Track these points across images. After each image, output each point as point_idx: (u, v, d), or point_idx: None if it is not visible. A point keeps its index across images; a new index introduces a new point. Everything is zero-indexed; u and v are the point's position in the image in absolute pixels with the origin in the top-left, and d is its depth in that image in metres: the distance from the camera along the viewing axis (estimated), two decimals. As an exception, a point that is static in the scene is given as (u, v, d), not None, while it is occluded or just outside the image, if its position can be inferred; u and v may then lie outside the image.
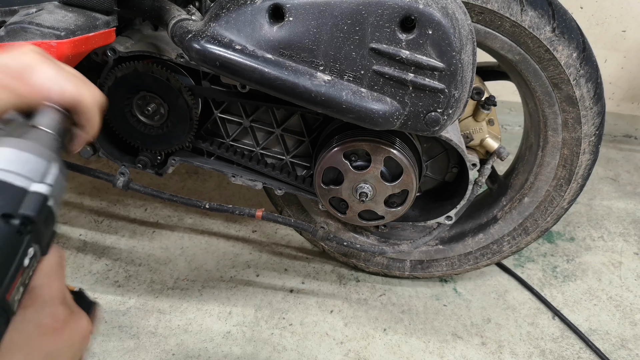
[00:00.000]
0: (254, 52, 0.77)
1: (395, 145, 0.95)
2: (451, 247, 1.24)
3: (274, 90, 0.79)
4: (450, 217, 1.09)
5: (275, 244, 1.42)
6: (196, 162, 1.09)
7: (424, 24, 0.73)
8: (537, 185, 1.14)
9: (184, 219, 1.48)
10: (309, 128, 1.07)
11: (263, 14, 0.76)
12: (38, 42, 0.76)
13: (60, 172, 0.41)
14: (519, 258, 1.41)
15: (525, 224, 1.18)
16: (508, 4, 0.91)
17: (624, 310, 1.26)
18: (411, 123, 0.81)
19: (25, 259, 0.36)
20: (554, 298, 1.28)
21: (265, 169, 1.08)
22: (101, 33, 0.83)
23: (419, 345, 1.15)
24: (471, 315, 1.23)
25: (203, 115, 1.06)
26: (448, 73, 0.76)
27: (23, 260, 0.36)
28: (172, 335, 1.14)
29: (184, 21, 0.81)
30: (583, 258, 1.42)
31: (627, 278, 1.35)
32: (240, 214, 1.10)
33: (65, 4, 0.83)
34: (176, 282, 1.27)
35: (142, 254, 1.35)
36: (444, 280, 1.32)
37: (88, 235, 1.40)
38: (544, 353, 1.14)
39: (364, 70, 0.77)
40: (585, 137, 1.03)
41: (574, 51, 0.95)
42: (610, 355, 1.14)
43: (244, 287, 1.27)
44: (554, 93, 1.00)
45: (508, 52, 0.98)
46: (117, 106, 1.00)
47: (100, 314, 1.05)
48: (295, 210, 1.25)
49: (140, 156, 1.08)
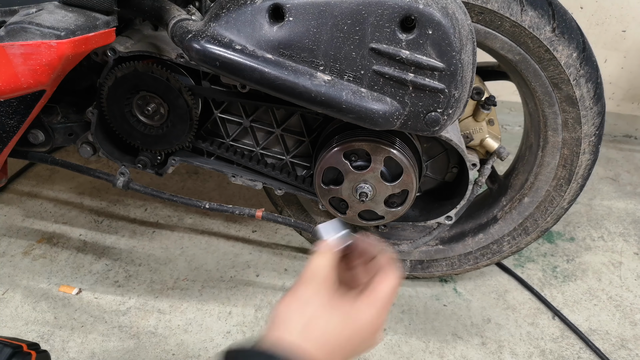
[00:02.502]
0: (254, 52, 0.77)
1: (395, 145, 0.95)
2: (451, 247, 1.24)
3: (274, 90, 0.79)
4: (450, 217, 1.09)
5: (275, 244, 1.42)
6: (196, 162, 1.09)
7: (424, 24, 0.73)
8: (537, 185, 1.14)
9: (184, 219, 1.48)
10: (309, 128, 1.07)
11: (263, 14, 0.76)
12: (38, 42, 0.76)
13: None
14: (519, 258, 1.41)
15: (525, 224, 1.18)
16: (508, 4, 0.91)
17: (624, 310, 1.26)
18: (411, 123, 0.81)
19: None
20: (554, 298, 1.28)
21: (265, 169, 1.08)
22: (101, 33, 0.83)
23: (419, 345, 1.15)
24: (471, 315, 1.23)
25: (203, 115, 1.06)
26: (448, 73, 0.76)
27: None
28: (172, 335, 1.14)
29: (184, 21, 0.81)
30: (583, 258, 1.42)
31: (627, 278, 1.35)
32: (240, 214, 1.10)
33: (65, 4, 0.83)
34: (176, 282, 1.27)
35: (142, 254, 1.35)
36: (444, 280, 1.33)
37: (88, 235, 1.40)
38: (544, 353, 1.14)
39: (364, 70, 0.77)
40: (585, 137, 1.03)
41: (574, 51, 0.95)
42: (610, 355, 1.14)
43: (244, 287, 1.27)
44: (554, 93, 1.00)
45: (508, 52, 0.98)
46: (117, 106, 1.00)
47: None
48: (295, 210, 1.25)
49: (140, 156, 1.08)
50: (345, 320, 0.52)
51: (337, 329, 0.51)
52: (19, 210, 1.48)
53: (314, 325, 0.51)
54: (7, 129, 0.90)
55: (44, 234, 1.40)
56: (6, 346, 0.78)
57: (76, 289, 1.23)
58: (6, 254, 1.33)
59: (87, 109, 1.02)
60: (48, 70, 0.79)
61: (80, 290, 1.23)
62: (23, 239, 1.38)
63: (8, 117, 0.88)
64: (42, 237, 1.39)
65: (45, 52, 0.77)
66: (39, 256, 1.33)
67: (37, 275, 1.27)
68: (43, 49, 0.77)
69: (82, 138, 1.07)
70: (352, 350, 0.52)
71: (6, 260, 1.31)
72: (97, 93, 1.00)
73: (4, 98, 0.84)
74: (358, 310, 0.53)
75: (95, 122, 1.03)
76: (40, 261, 1.31)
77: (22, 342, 0.82)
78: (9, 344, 0.79)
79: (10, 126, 0.90)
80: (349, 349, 0.52)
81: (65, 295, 1.22)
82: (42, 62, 0.78)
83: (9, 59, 0.77)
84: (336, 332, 0.51)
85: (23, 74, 0.79)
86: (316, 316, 0.51)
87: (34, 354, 0.81)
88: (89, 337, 1.12)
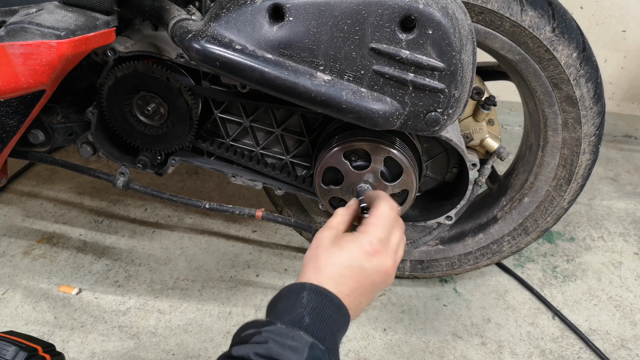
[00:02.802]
0: (254, 52, 0.77)
1: (395, 145, 0.95)
2: (451, 247, 1.24)
3: (274, 90, 0.79)
4: (450, 217, 1.09)
5: (275, 244, 1.42)
6: (196, 162, 1.09)
7: (424, 24, 0.73)
8: (537, 185, 1.14)
9: (184, 219, 1.48)
10: (309, 128, 1.07)
11: (263, 14, 0.76)
12: (38, 42, 0.76)
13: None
14: (519, 258, 1.41)
15: (525, 224, 1.18)
16: (508, 4, 0.91)
17: (624, 310, 1.26)
18: (411, 123, 0.81)
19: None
20: (554, 298, 1.28)
21: (265, 169, 1.08)
22: (101, 33, 0.83)
23: (419, 345, 1.15)
24: (471, 315, 1.23)
25: (203, 115, 1.06)
26: (448, 73, 0.76)
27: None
28: (172, 335, 1.14)
29: (184, 21, 0.81)
30: (583, 258, 1.42)
31: (627, 278, 1.35)
32: (240, 214, 1.10)
33: (65, 4, 0.83)
34: (176, 282, 1.27)
35: (142, 254, 1.35)
36: (444, 280, 1.33)
37: (88, 235, 1.40)
38: (544, 353, 1.14)
39: (364, 70, 0.77)
40: (585, 137, 1.03)
41: (574, 51, 0.95)
42: (610, 355, 1.14)
43: (244, 287, 1.27)
44: (554, 93, 1.00)
45: (508, 52, 0.98)
46: (117, 106, 1.00)
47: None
48: (295, 210, 1.25)
49: (140, 156, 1.08)
50: (351, 249, 0.60)
51: (344, 258, 0.59)
52: (19, 210, 1.48)
53: (324, 265, 0.59)
54: (7, 129, 0.90)
55: (44, 234, 1.40)
56: (22, 349, 0.78)
57: (76, 289, 1.23)
58: (6, 254, 1.33)
59: (87, 109, 1.02)
60: (48, 70, 0.79)
61: (80, 290, 1.23)
62: (23, 239, 1.38)
63: (8, 117, 0.88)
64: (42, 237, 1.39)
65: (45, 52, 0.77)
66: (39, 256, 1.33)
67: (37, 275, 1.27)
68: (43, 49, 0.77)
69: (82, 138, 1.07)
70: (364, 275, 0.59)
71: (6, 260, 1.31)
72: (97, 93, 1.00)
73: (4, 98, 0.84)
74: (362, 235, 0.62)
75: (95, 122, 1.03)
76: (40, 261, 1.31)
77: (38, 343, 0.82)
78: (25, 346, 0.79)
79: (10, 126, 0.90)
80: (362, 275, 0.59)
81: (65, 295, 1.22)
82: (42, 62, 0.78)
83: (9, 58, 0.77)
84: (343, 261, 0.59)
85: (23, 74, 0.79)
86: (326, 258, 0.60)
87: (49, 357, 0.81)
88: (89, 337, 1.12)
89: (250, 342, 0.49)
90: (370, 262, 0.60)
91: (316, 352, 0.49)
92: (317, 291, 0.55)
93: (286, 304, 0.54)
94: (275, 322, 0.51)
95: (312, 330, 0.51)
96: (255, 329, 0.51)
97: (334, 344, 0.53)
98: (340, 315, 0.55)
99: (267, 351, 0.47)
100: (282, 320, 0.52)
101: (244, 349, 0.48)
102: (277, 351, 0.47)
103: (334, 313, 0.54)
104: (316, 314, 0.53)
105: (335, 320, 0.54)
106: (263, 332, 0.50)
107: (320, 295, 0.55)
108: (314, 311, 0.53)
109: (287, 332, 0.50)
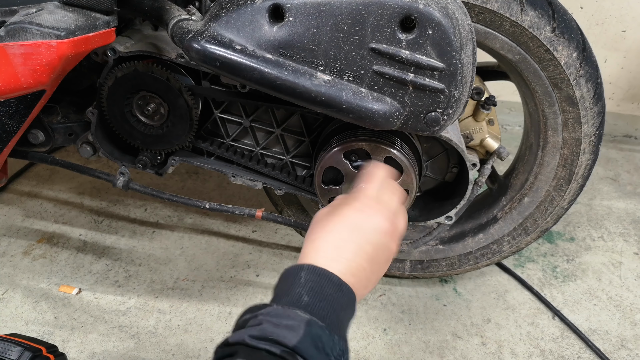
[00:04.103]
0: (254, 52, 0.77)
1: (395, 145, 0.95)
2: (451, 247, 1.24)
3: (274, 90, 0.79)
4: (450, 217, 1.09)
5: (275, 244, 1.42)
6: (196, 162, 1.09)
7: (424, 24, 0.73)
8: (537, 185, 1.14)
9: (184, 219, 1.48)
10: (309, 128, 1.07)
11: (263, 14, 0.76)
12: (38, 42, 0.76)
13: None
14: (519, 258, 1.41)
15: (525, 224, 1.18)
16: (508, 4, 0.91)
17: (624, 310, 1.26)
18: (411, 123, 0.81)
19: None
20: (554, 298, 1.28)
21: (265, 169, 1.08)
22: (101, 33, 0.83)
23: (419, 345, 1.15)
24: (471, 315, 1.23)
25: (203, 115, 1.06)
26: (448, 73, 0.76)
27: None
28: (172, 335, 1.14)
29: (184, 21, 0.81)
30: (583, 258, 1.42)
31: (627, 278, 1.35)
32: (240, 214, 1.10)
33: (65, 4, 0.83)
34: (176, 282, 1.27)
35: (142, 254, 1.35)
36: (444, 280, 1.33)
37: (88, 235, 1.40)
38: (544, 353, 1.14)
39: (364, 70, 0.77)
40: (585, 137, 1.03)
41: (574, 51, 0.95)
42: (610, 355, 1.14)
43: (244, 287, 1.27)
44: (554, 93, 1.00)
45: (508, 52, 0.98)
46: (117, 106, 1.00)
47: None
48: (295, 210, 1.25)
49: (140, 156, 1.08)
50: (342, 211, 0.61)
51: (337, 221, 0.60)
52: (19, 210, 1.48)
53: (320, 237, 0.59)
54: (7, 129, 0.90)
55: (44, 234, 1.40)
56: (26, 349, 0.79)
57: (76, 289, 1.23)
58: (6, 254, 1.33)
59: (87, 109, 1.02)
60: (48, 70, 0.79)
61: (80, 290, 1.23)
62: (23, 239, 1.38)
63: (8, 117, 0.88)
64: (42, 237, 1.39)
65: (45, 52, 0.77)
66: (39, 256, 1.33)
67: (37, 275, 1.27)
68: (43, 49, 0.77)
69: (82, 138, 1.07)
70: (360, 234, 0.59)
71: (6, 260, 1.31)
72: (97, 93, 1.00)
73: (4, 98, 0.84)
74: (350, 196, 0.64)
75: (95, 122, 1.03)
76: (40, 261, 1.31)
77: (41, 344, 0.83)
78: (29, 347, 0.80)
79: (10, 126, 0.90)
80: (358, 235, 0.59)
81: (65, 295, 1.22)
82: (42, 62, 0.78)
83: (9, 59, 0.77)
84: (336, 223, 0.60)
85: (23, 74, 0.79)
86: (321, 228, 0.60)
87: (52, 357, 0.82)
88: (88, 337, 1.12)
89: (247, 327, 0.48)
90: (362, 218, 0.60)
91: (314, 329, 0.48)
92: (315, 271, 0.54)
93: (284, 286, 0.54)
94: (272, 305, 0.50)
95: (310, 308, 0.50)
96: (251, 314, 0.50)
97: (337, 322, 0.51)
98: (341, 293, 0.53)
99: (261, 332, 0.47)
100: (280, 302, 0.51)
101: (239, 334, 0.47)
102: (271, 331, 0.46)
103: (334, 292, 0.53)
104: (315, 292, 0.52)
105: (337, 299, 0.52)
106: (259, 315, 0.49)
107: (319, 274, 0.53)
108: (312, 290, 0.52)
109: (283, 312, 0.49)
